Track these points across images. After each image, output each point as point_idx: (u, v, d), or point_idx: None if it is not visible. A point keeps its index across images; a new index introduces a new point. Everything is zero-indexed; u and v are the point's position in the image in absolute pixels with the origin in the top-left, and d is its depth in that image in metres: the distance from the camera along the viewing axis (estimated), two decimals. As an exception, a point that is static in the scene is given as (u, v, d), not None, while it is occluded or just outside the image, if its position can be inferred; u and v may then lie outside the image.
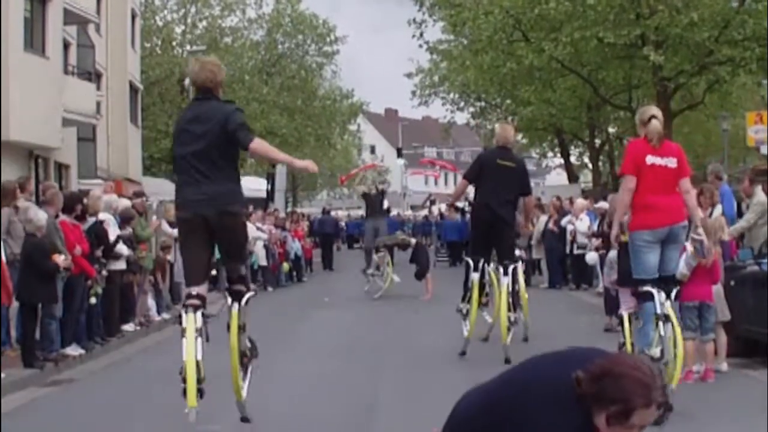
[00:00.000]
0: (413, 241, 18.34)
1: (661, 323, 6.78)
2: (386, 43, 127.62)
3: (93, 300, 10.81)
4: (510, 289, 9.21)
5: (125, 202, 13.25)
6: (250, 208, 23.37)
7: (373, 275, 18.44)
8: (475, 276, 9.39)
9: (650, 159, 6.95)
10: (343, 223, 42.34)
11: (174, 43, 37.43)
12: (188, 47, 35.69)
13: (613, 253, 8.36)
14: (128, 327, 12.42)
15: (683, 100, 26.26)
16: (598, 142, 35.16)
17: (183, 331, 5.86)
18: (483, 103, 35.75)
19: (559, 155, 38.82)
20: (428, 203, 38.53)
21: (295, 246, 22.96)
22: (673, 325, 6.82)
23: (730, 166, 30.38)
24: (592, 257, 13.87)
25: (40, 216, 9.60)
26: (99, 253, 11.08)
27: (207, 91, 6.12)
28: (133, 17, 29.98)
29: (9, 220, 9.61)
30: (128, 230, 12.34)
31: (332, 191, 61.26)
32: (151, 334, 12.97)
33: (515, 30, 23.44)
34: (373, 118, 68.97)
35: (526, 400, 2.63)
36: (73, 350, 10.26)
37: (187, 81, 34.26)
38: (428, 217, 38.24)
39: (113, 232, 11.70)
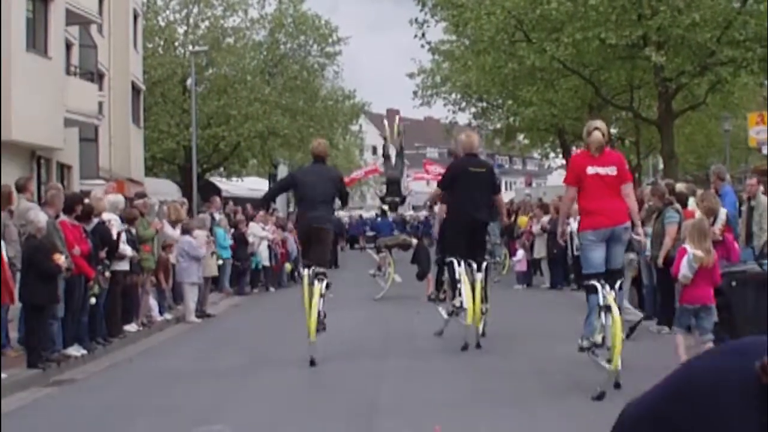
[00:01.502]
0: (414, 241, 18.26)
1: (603, 313, 7.54)
2: (388, 43, 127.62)
3: (93, 300, 10.81)
4: (484, 284, 10.16)
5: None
6: (248, 207, 23.37)
7: (374, 276, 18.41)
8: (462, 270, 10.05)
9: (591, 169, 7.76)
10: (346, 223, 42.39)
11: (176, 44, 37.33)
12: (190, 47, 35.59)
13: None
14: (130, 327, 12.45)
15: (685, 100, 26.21)
16: (599, 142, 35.08)
17: (311, 290, 9.65)
18: (485, 104, 35.72)
19: (560, 156, 38.79)
20: (429, 203, 38.42)
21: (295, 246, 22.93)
22: (612, 314, 7.43)
23: (732, 166, 30.40)
24: None
25: (41, 217, 9.62)
26: (103, 254, 11.09)
27: (320, 158, 10.19)
28: (135, 17, 29.99)
29: (4, 224, 9.61)
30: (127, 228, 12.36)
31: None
32: (153, 334, 13.01)
33: (517, 30, 23.42)
34: (374, 119, 68.91)
35: (704, 396, 2.26)
36: (75, 350, 10.28)
37: (188, 81, 34.21)
38: (429, 218, 38.24)
39: (122, 233, 11.75)
